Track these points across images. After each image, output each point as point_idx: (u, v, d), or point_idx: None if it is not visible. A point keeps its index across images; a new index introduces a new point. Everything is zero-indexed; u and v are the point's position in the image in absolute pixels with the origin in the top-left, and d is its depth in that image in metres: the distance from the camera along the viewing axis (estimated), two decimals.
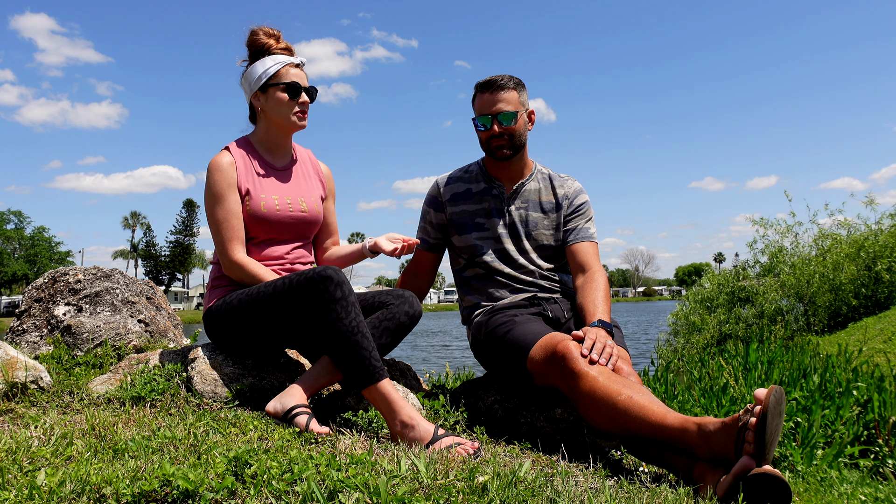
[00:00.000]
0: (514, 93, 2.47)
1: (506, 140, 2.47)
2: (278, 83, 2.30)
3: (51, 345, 2.62)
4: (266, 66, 2.32)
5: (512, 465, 1.56)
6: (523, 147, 2.54)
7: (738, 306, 12.15)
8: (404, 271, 2.76)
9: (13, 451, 1.46)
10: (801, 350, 4.98)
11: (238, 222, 2.27)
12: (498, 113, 2.45)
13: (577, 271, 2.49)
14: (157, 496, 1.23)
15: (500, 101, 2.45)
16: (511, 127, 2.46)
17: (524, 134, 2.52)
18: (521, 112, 2.48)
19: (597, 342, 2.02)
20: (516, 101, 2.47)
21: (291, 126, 2.36)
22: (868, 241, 10.77)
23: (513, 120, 2.45)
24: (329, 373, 2.07)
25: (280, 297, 2.05)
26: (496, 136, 2.47)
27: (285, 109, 2.32)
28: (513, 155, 2.51)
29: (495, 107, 2.45)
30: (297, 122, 2.35)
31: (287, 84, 2.31)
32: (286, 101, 2.31)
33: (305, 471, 1.30)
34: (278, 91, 2.31)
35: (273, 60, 2.32)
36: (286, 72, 2.32)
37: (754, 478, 1.58)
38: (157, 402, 2.07)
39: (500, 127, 2.45)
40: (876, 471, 2.79)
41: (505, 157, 2.51)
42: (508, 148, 2.49)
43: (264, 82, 2.31)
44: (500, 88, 2.46)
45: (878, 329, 7.85)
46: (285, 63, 2.32)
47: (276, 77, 2.31)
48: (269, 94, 2.32)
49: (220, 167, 2.28)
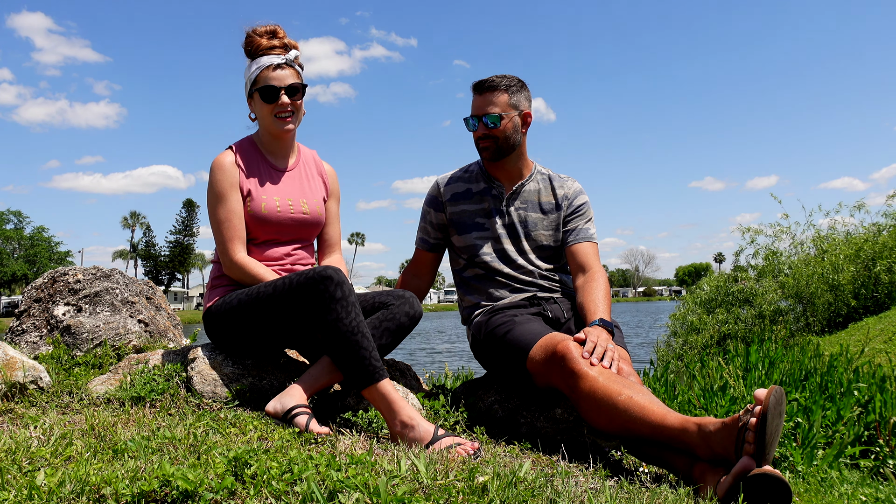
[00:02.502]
0: (505, 95, 2.45)
1: (490, 142, 2.47)
2: (258, 89, 2.29)
3: (50, 345, 2.62)
4: (249, 71, 2.31)
5: (512, 465, 1.55)
6: (513, 149, 2.52)
7: (738, 307, 12.16)
8: (404, 271, 2.76)
9: (13, 451, 1.45)
10: (802, 350, 4.98)
11: (239, 222, 2.27)
12: (483, 115, 2.45)
13: (577, 272, 2.49)
14: (157, 496, 1.22)
15: (487, 103, 2.45)
16: (495, 129, 2.45)
17: (513, 136, 2.49)
18: (509, 114, 2.45)
19: (598, 345, 2.02)
20: (504, 103, 2.45)
21: (275, 131, 2.32)
22: (867, 242, 10.78)
23: (497, 122, 2.44)
24: (329, 373, 2.06)
25: (280, 296, 2.04)
26: (481, 138, 2.48)
27: (267, 115, 2.30)
28: (499, 157, 2.50)
29: (482, 108, 2.46)
30: (279, 126, 2.31)
31: (261, 89, 2.28)
32: (265, 107, 2.29)
33: (305, 471, 1.30)
34: (259, 97, 2.30)
35: (256, 64, 2.30)
36: (265, 76, 2.28)
37: (754, 478, 1.58)
38: (156, 402, 2.07)
39: (485, 129, 2.46)
40: (876, 471, 2.78)
41: (491, 159, 2.51)
42: (493, 149, 2.48)
43: (249, 88, 2.32)
44: (490, 90, 2.45)
45: (878, 329, 7.86)
46: (264, 66, 2.28)
47: (255, 82, 2.30)
48: (255, 100, 2.33)
49: (223, 167, 2.28)
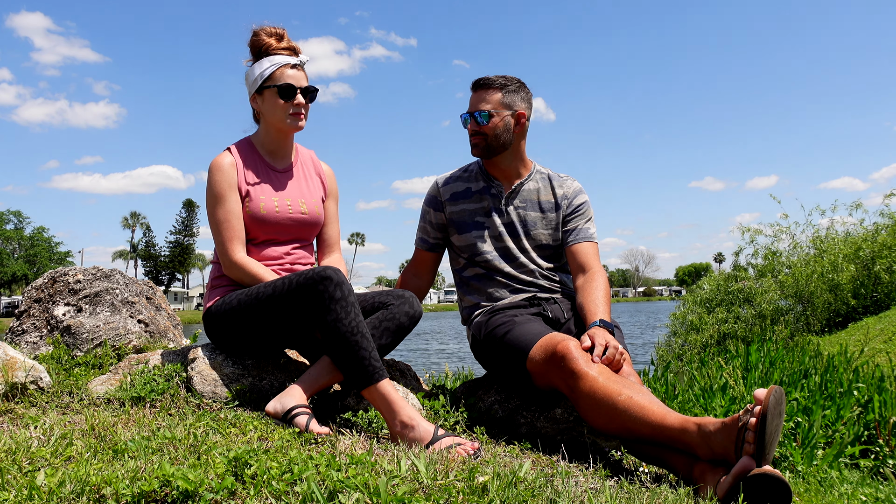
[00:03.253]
0: (498, 93, 2.47)
1: (480, 138, 2.50)
2: (273, 85, 2.30)
3: (50, 345, 2.62)
4: (262, 67, 2.31)
5: (512, 465, 1.55)
6: (504, 148, 2.52)
7: (738, 306, 12.17)
8: (404, 271, 2.76)
9: (13, 451, 1.45)
10: (802, 350, 4.98)
11: (238, 222, 2.27)
12: (474, 111, 2.48)
13: (577, 271, 2.49)
14: (157, 496, 1.22)
15: (479, 100, 2.49)
16: (483, 126, 2.47)
17: (503, 135, 2.49)
18: (500, 113, 2.47)
19: (609, 348, 2.03)
20: (497, 101, 2.47)
21: (287, 128, 2.35)
22: (866, 241, 10.78)
23: (486, 119, 2.46)
24: (329, 373, 2.06)
25: (280, 297, 2.05)
26: (471, 134, 2.51)
27: (280, 112, 2.32)
28: (489, 154, 2.52)
29: (474, 105, 2.50)
30: (292, 123, 2.34)
31: (280, 86, 2.30)
32: (281, 104, 2.31)
33: (305, 471, 1.30)
34: (273, 93, 2.31)
35: (270, 62, 2.31)
36: (281, 73, 2.31)
37: (754, 478, 1.58)
38: (156, 402, 2.07)
39: (474, 125, 2.48)
40: (876, 471, 2.78)
41: (481, 156, 2.54)
42: (482, 146, 2.50)
43: (260, 84, 2.32)
44: (484, 87, 2.49)
45: (878, 329, 7.86)
46: (281, 64, 2.31)
47: (270, 79, 2.31)
48: (265, 97, 2.32)
49: (221, 168, 2.29)
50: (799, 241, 12.31)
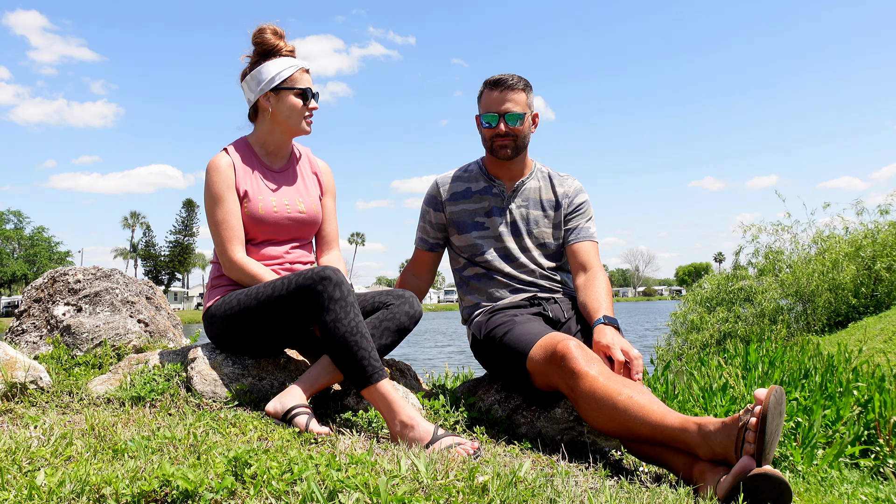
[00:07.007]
0: (523, 94, 2.47)
1: (510, 140, 2.48)
2: (292, 87, 2.31)
3: (50, 345, 2.62)
4: (280, 67, 2.31)
5: (512, 465, 1.55)
6: (526, 148, 2.55)
7: (738, 305, 12.16)
8: (404, 271, 2.76)
9: (13, 451, 1.45)
10: (802, 350, 4.98)
11: (237, 222, 2.27)
12: (505, 112, 2.45)
13: (577, 270, 2.49)
14: (157, 496, 1.22)
15: (508, 101, 2.45)
16: (517, 128, 2.46)
17: (528, 136, 2.53)
18: (527, 114, 2.48)
19: (635, 361, 2.03)
20: (524, 102, 2.47)
21: (300, 131, 2.38)
22: (866, 239, 10.77)
23: (519, 121, 2.45)
24: (329, 373, 2.06)
25: (279, 297, 2.04)
26: (501, 136, 2.47)
27: (297, 114, 2.33)
28: (515, 156, 2.51)
29: (503, 106, 2.45)
30: (307, 127, 2.37)
31: (301, 90, 2.32)
32: (299, 107, 2.32)
33: (305, 471, 1.30)
34: (292, 95, 2.31)
35: (287, 63, 2.32)
36: (300, 76, 2.33)
37: (755, 478, 1.58)
38: (156, 402, 2.07)
39: (507, 127, 2.46)
40: (876, 471, 2.78)
41: (507, 158, 2.51)
42: (512, 148, 2.49)
43: (277, 84, 2.31)
44: (510, 88, 2.45)
45: (878, 329, 7.85)
46: (298, 67, 2.33)
47: (290, 81, 2.31)
48: (282, 97, 2.32)
49: (219, 168, 2.28)
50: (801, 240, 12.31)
